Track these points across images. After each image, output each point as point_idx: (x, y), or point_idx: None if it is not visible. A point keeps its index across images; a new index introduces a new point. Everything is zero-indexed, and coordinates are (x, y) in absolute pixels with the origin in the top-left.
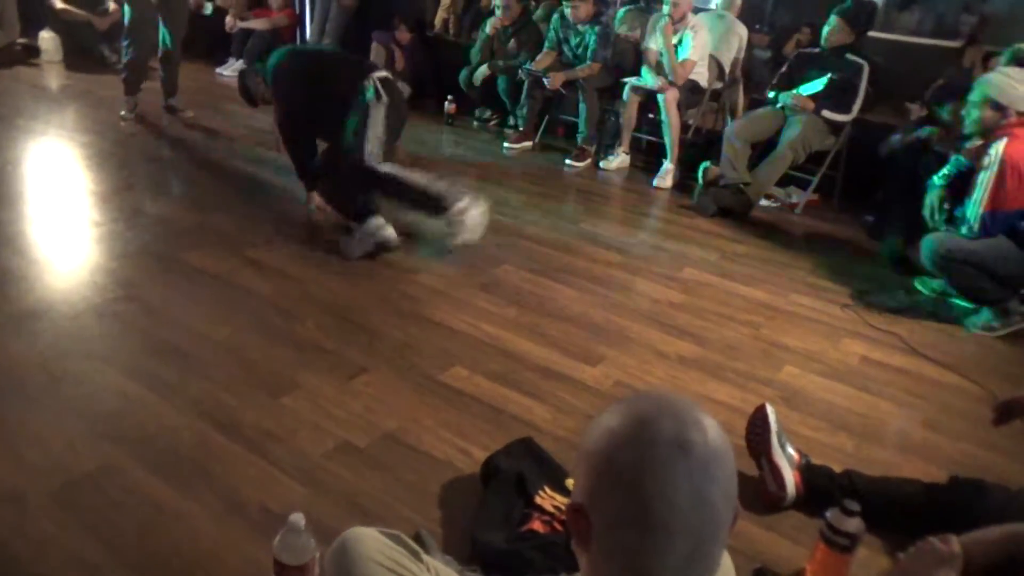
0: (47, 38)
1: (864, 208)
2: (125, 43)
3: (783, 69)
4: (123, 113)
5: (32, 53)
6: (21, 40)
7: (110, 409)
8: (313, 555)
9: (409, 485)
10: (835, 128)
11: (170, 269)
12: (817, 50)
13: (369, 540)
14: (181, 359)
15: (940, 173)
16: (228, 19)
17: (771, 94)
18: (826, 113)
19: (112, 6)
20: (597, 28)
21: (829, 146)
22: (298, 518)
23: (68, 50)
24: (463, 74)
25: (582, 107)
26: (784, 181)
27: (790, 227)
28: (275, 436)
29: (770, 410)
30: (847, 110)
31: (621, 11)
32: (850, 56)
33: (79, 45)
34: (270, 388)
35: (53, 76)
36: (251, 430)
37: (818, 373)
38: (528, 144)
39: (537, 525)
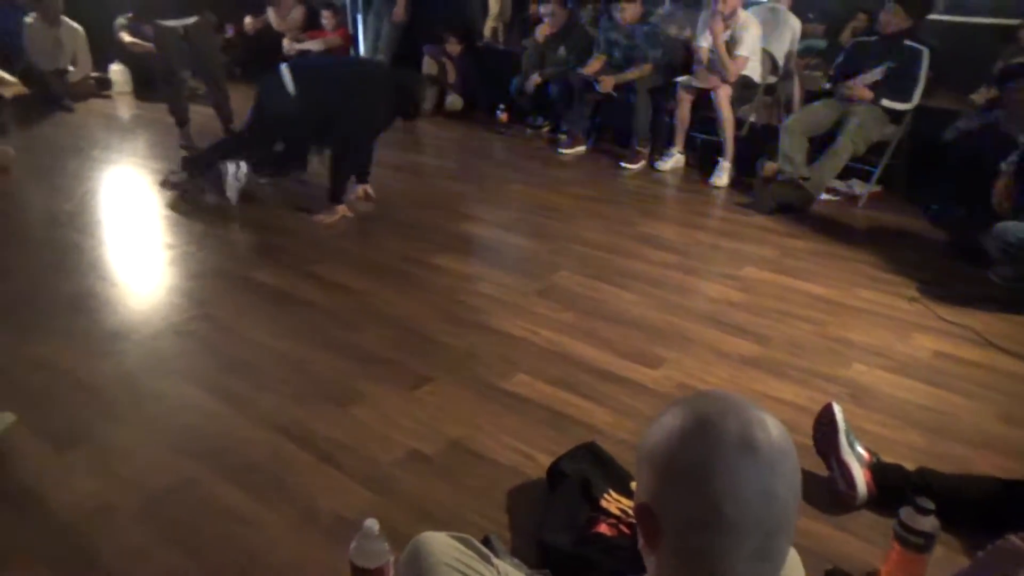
0: (117, 71)
1: (929, 197)
2: (160, 83)
3: (839, 59)
4: (181, 143)
5: (104, 85)
6: (93, 74)
7: (189, 424)
8: (387, 559)
9: (476, 491)
10: (895, 117)
11: (239, 287)
12: (874, 38)
13: (440, 544)
14: (253, 373)
15: (1008, 159)
16: (284, 42)
17: (827, 84)
18: (885, 102)
19: None
20: (646, 29)
21: (890, 136)
22: (372, 523)
23: (137, 81)
24: (514, 82)
25: (635, 109)
26: (845, 173)
27: (852, 220)
28: (345, 446)
29: (837, 408)
30: (907, 98)
31: (669, 9)
32: (908, 42)
33: (147, 76)
34: (337, 399)
35: (124, 107)
36: (322, 440)
37: (886, 369)
38: (582, 149)
39: (603, 528)
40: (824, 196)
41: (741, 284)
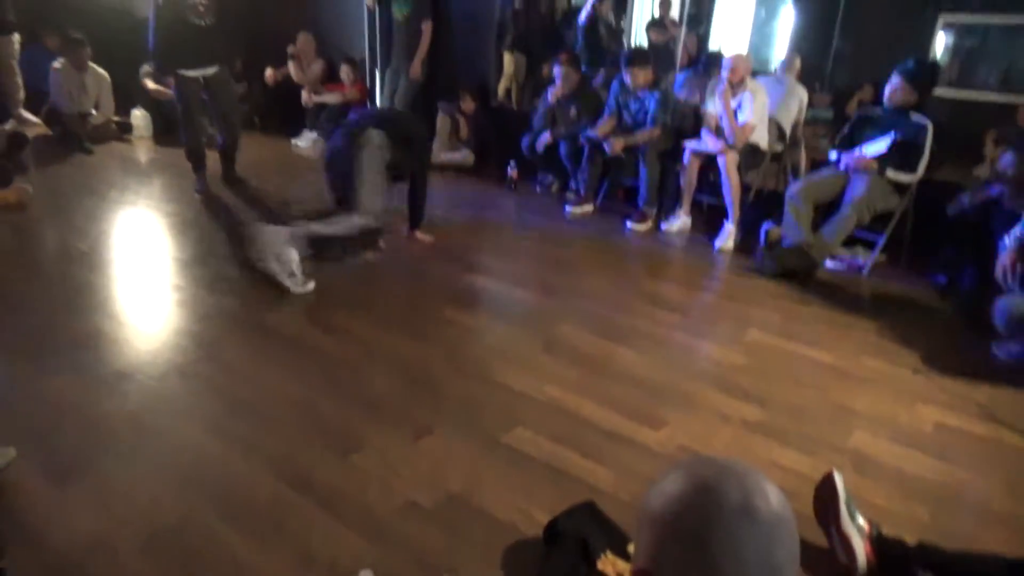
0: (139, 115)
1: (934, 268)
2: (181, 129)
3: (845, 129)
4: (196, 188)
5: (125, 129)
6: (115, 118)
7: (191, 464)
8: None
9: (473, 545)
10: (900, 188)
11: (247, 331)
12: (879, 110)
13: None
14: (257, 417)
15: (1012, 234)
16: (304, 94)
17: (833, 154)
18: (890, 173)
19: None
20: (656, 94)
21: (895, 206)
22: (367, 575)
23: (157, 126)
24: (525, 140)
25: (642, 170)
26: (850, 241)
27: (857, 288)
28: (344, 493)
29: (838, 477)
30: (912, 170)
31: (680, 77)
32: (914, 116)
33: (167, 122)
34: (340, 445)
35: (143, 151)
36: (322, 486)
37: (890, 439)
38: (589, 208)
39: None
40: (829, 263)
41: (745, 348)
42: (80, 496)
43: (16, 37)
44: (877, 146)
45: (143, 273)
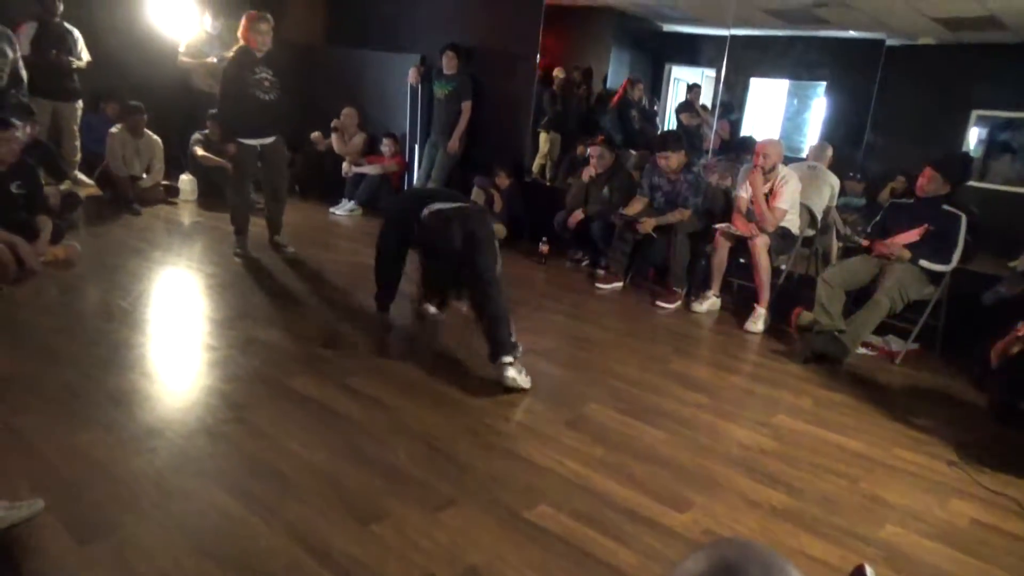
0: (186, 180)
1: (969, 360)
2: (234, 192)
3: (877, 218)
4: (236, 251)
5: (172, 193)
6: (164, 182)
7: (213, 527)
8: None
9: None
10: (934, 277)
11: (276, 394)
12: (912, 200)
13: None
14: (280, 481)
15: None
16: (344, 165)
17: (865, 241)
18: (923, 262)
19: None
20: (688, 177)
21: (928, 295)
22: None
23: (203, 191)
24: (558, 217)
25: (673, 250)
26: (882, 329)
27: (889, 377)
28: (363, 564)
29: (870, 571)
30: (946, 260)
31: (712, 161)
32: (947, 207)
33: (212, 186)
34: (360, 515)
35: (187, 213)
36: (340, 556)
37: (923, 534)
38: (619, 285)
39: None
40: (860, 350)
41: (774, 432)
42: (102, 555)
43: (79, 104)
44: (909, 236)
45: (179, 332)
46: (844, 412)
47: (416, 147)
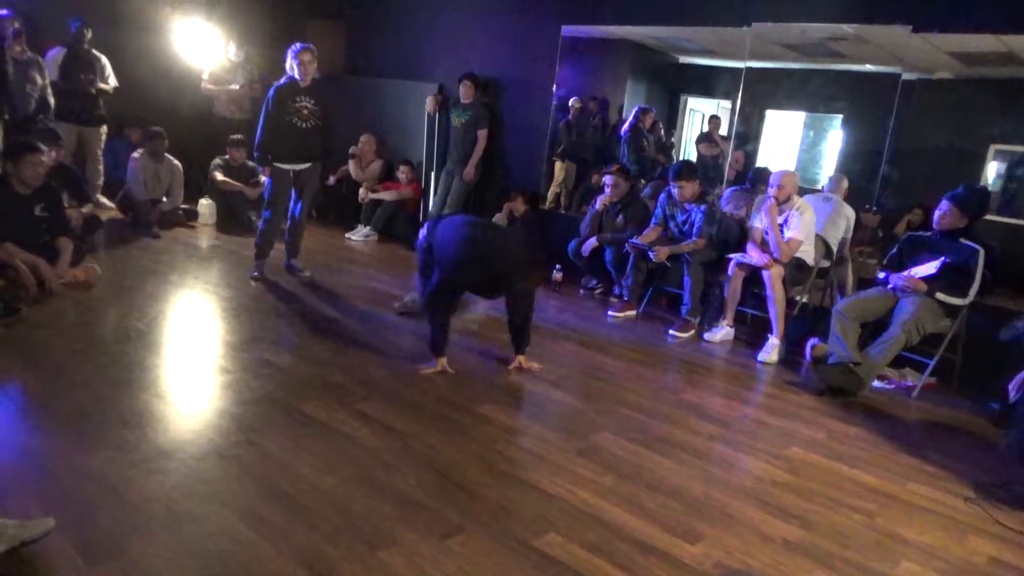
0: (205, 204)
1: (986, 395)
2: (265, 214)
3: (893, 250)
4: (254, 274)
5: (191, 216)
6: (183, 206)
7: (220, 550)
8: None
9: None
10: (950, 311)
11: (287, 417)
12: (929, 233)
13: None
14: (289, 505)
15: None
16: (361, 191)
17: (881, 275)
18: (940, 296)
19: (263, 179)
20: (703, 207)
21: (945, 328)
22: None
23: (221, 215)
24: (572, 244)
25: (687, 280)
26: (898, 362)
27: (905, 410)
28: None
29: None
30: (963, 294)
31: (727, 191)
32: (964, 240)
33: (230, 211)
34: (369, 541)
35: (205, 237)
36: None
37: (940, 571)
38: (632, 313)
39: None
40: (876, 383)
41: (787, 464)
42: None
43: (103, 129)
44: (927, 268)
45: (194, 354)
46: (859, 445)
47: (432, 174)
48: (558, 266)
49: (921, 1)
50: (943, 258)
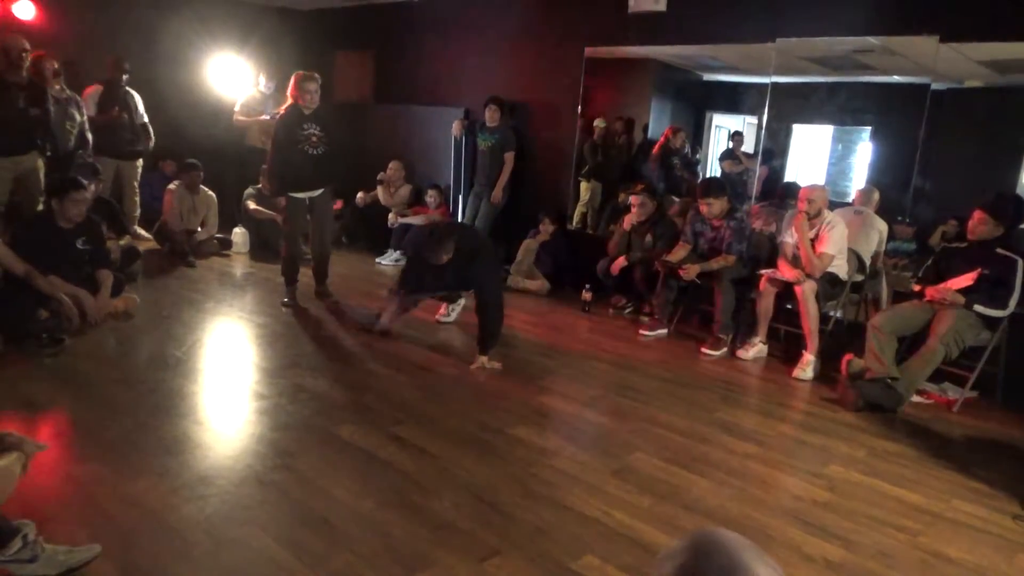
0: (238, 233)
1: None
2: (284, 243)
3: (929, 262)
4: (284, 300)
5: (225, 245)
6: (218, 235)
7: (261, 575)
8: None
9: None
10: (990, 323)
11: (324, 442)
12: (964, 244)
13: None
14: (328, 530)
15: None
16: (391, 216)
17: (916, 287)
18: (978, 308)
19: None
20: (732, 223)
21: (984, 341)
22: None
23: (254, 243)
24: (601, 264)
25: (718, 297)
26: (937, 376)
27: (947, 426)
28: None
29: None
30: (1002, 305)
31: (756, 207)
32: (1001, 250)
33: (264, 239)
34: (406, 564)
35: (239, 265)
36: None
37: None
38: (663, 332)
39: None
40: (915, 398)
41: (827, 483)
42: None
43: (140, 162)
44: (963, 280)
45: (230, 381)
46: (900, 463)
47: (460, 198)
48: (587, 286)
49: (947, 11)
50: (980, 269)
